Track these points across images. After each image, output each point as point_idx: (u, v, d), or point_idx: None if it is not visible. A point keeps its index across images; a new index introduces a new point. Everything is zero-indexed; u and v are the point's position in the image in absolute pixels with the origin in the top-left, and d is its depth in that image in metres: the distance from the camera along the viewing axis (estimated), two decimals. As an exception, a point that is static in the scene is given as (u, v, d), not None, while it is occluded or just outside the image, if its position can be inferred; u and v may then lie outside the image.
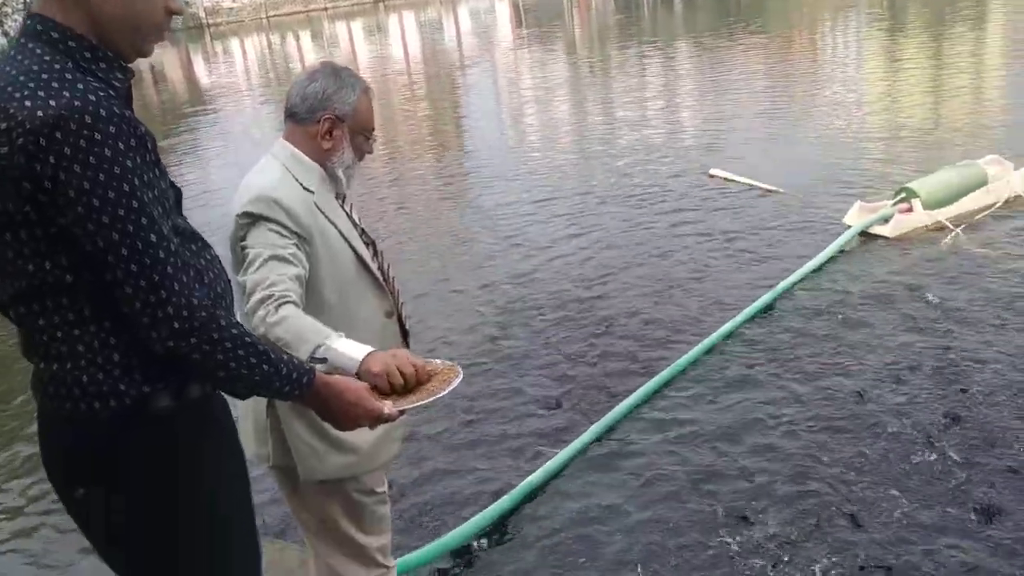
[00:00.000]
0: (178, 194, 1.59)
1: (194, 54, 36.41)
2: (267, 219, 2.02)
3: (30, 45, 1.43)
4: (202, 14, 47.28)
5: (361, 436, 2.15)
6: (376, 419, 1.69)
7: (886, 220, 6.09)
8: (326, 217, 2.13)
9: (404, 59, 24.51)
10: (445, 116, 14.70)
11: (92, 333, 1.46)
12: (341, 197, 2.23)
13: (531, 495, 3.62)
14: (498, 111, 14.78)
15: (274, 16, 47.15)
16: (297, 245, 2.03)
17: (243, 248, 2.04)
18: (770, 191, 7.33)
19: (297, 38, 35.61)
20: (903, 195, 6.25)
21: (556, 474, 3.74)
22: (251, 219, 2.03)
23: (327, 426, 2.11)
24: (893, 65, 13.65)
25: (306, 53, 29.60)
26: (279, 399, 1.60)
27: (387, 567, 2.40)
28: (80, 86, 1.39)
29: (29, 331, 1.50)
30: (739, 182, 7.67)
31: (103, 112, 1.37)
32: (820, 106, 10.82)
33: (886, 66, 13.75)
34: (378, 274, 2.24)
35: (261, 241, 2.01)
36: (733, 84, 13.20)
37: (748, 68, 14.78)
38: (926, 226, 6.09)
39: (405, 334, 2.34)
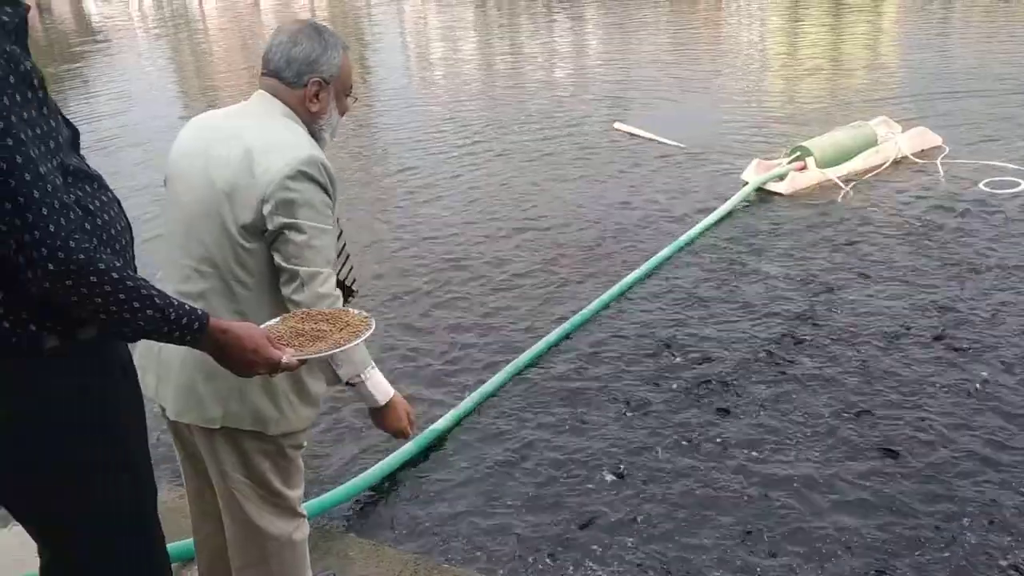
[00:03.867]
0: (74, 133, 1.54)
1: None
2: (321, 189, 1.98)
3: None
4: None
5: (319, 387, 2.19)
6: (275, 367, 1.69)
7: (781, 178, 6.31)
8: None
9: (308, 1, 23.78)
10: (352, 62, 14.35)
11: None
12: None
13: (438, 439, 3.67)
14: (405, 56, 14.56)
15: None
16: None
17: (293, 214, 1.93)
18: (673, 146, 7.49)
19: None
20: (798, 153, 6.48)
21: (463, 418, 3.80)
22: (304, 184, 1.95)
23: (306, 383, 2.15)
24: (795, 25, 14.02)
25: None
26: (169, 343, 1.57)
27: (304, 516, 2.41)
28: None
29: None
30: (643, 136, 7.80)
31: None
32: (723, 63, 11.09)
33: (788, 26, 14.11)
34: None
35: (318, 223, 1.97)
36: (640, 38, 13.34)
37: (655, 22, 14.96)
38: (819, 184, 6.34)
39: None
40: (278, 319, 1.90)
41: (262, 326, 1.76)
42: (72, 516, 1.59)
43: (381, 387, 2.14)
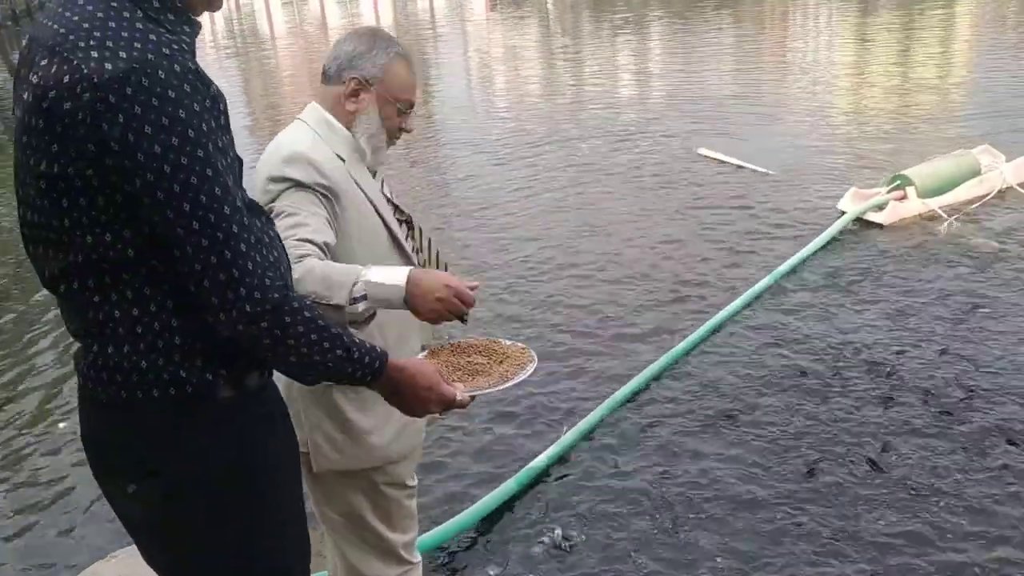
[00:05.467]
0: (240, 164, 1.42)
1: None
2: (300, 181, 1.86)
3: None
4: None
5: (385, 424, 2.02)
6: (448, 405, 1.57)
7: (880, 207, 6.05)
8: (358, 186, 1.97)
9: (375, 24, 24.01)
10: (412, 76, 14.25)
11: (153, 314, 1.30)
12: (372, 173, 2.06)
13: (538, 477, 3.52)
14: (468, 81, 14.52)
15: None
16: (328, 208, 1.88)
17: (271, 212, 1.86)
18: (761, 173, 7.26)
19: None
20: (897, 182, 6.22)
21: (562, 454, 3.66)
22: (284, 181, 1.87)
23: (347, 414, 1.98)
24: (866, 44, 13.67)
25: (274, 12, 28.83)
26: (348, 384, 1.47)
27: (412, 563, 2.26)
28: (152, 37, 1.22)
29: (81, 310, 1.33)
30: (729, 163, 7.58)
31: (177, 68, 1.21)
32: (801, 86, 10.81)
33: (860, 45, 13.77)
34: (413, 256, 2.07)
35: (288, 203, 1.85)
36: (710, 61, 13.13)
37: (720, 43, 14.73)
38: (920, 215, 6.07)
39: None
40: (425, 352, 1.80)
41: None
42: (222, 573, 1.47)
43: (388, 274, 1.73)
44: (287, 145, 1.92)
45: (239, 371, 1.38)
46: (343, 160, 1.95)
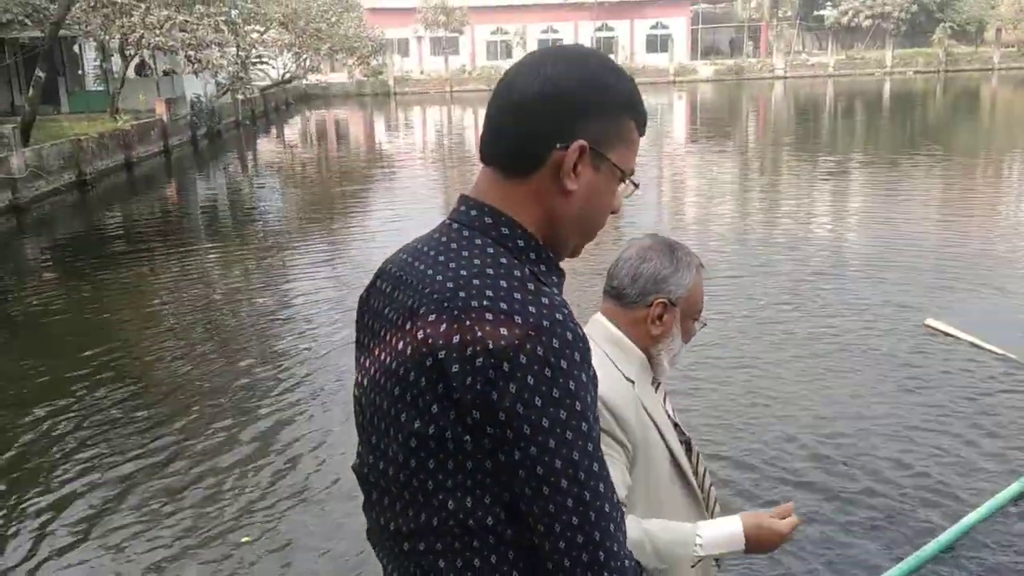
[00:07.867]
0: None
1: (377, 117, 38.14)
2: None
3: (477, 240, 1.21)
4: (391, 82, 49.64)
5: None
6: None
7: None
8: (647, 413, 1.87)
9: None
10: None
11: None
12: (656, 383, 1.95)
13: None
14: (659, 206, 14.33)
15: (458, 91, 48.24)
16: (618, 447, 1.77)
17: None
18: (1000, 355, 6.40)
19: (476, 114, 35.96)
20: None
21: None
22: None
23: None
24: None
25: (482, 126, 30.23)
26: None
27: None
28: (545, 300, 1.15)
29: (421, 572, 1.24)
30: (962, 339, 6.75)
31: (569, 336, 1.14)
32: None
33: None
34: (692, 478, 1.96)
35: None
36: (929, 215, 12.29)
37: (941, 199, 13.80)
38: None
39: None
40: None
41: None
42: None
43: (724, 539, 1.78)
44: None
45: None
46: (632, 381, 1.87)
